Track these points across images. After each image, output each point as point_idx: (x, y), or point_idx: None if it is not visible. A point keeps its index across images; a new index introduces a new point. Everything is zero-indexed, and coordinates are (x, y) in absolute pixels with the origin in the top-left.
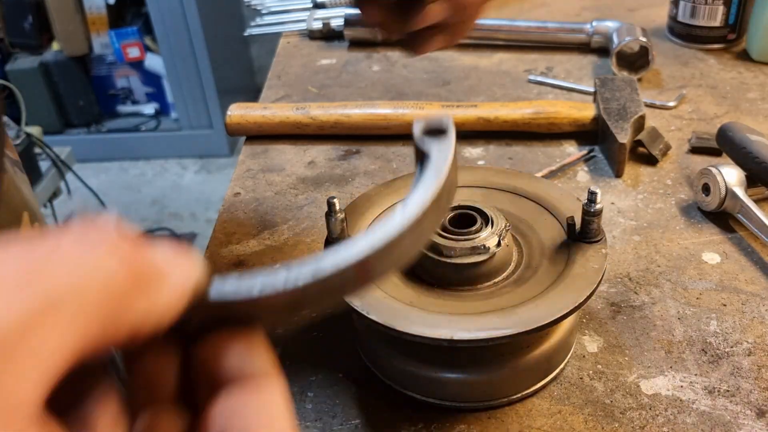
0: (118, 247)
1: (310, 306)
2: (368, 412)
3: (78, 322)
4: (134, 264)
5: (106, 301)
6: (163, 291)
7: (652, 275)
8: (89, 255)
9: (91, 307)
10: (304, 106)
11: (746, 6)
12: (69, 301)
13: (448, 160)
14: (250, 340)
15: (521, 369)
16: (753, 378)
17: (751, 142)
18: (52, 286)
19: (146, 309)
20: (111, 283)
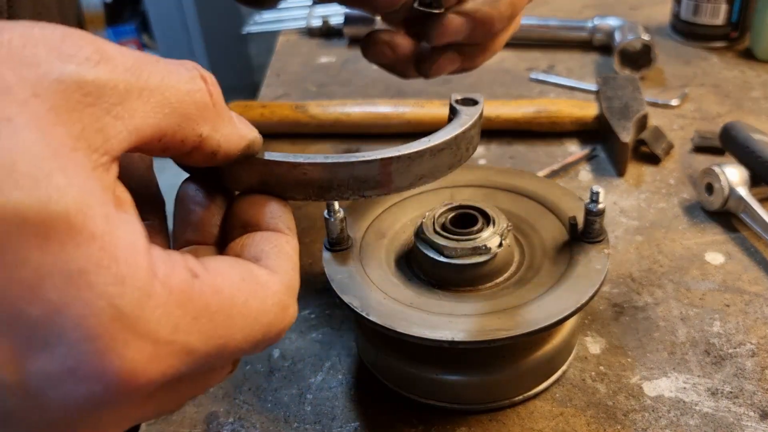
0: (201, 78)
1: (337, 187)
2: (368, 414)
3: (163, 110)
4: (211, 93)
5: (186, 105)
6: (230, 127)
7: (654, 276)
8: (182, 71)
9: (175, 103)
10: (303, 104)
11: (749, 4)
12: (161, 92)
13: (473, 118)
14: (282, 205)
15: (523, 370)
16: (756, 379)
17: (754, 141)
18: (152, 77)
19: (213, 129)
20: (192, 96)
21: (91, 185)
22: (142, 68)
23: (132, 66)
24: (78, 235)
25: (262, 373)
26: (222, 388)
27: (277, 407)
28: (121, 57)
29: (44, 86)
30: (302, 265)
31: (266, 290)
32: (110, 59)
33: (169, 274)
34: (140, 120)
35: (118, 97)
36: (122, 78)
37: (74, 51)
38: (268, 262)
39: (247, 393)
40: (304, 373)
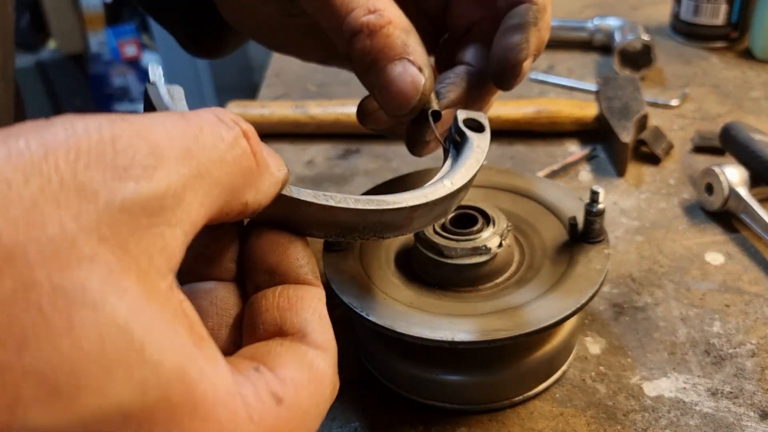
0: (243, 136)
1: (362, 230)
2: (368, 415)
3: (214, 192)
4: (255, 151)
5: (233, 177)
6: (268, 179)
7: (654, 276)
8: (225, 136)
9: (224, 180)
10: (303, 104)
11: (749, 4)
12: (210, 173)
13: (485, 152)
14: (306, 248)
15: (523, 371)
16: (756, 379)
17: (754, 142)
18: (201, 158)
19: (256, 192)
20: (238, 164)
21: (177, 340)
22: (191, 149)
23: (183, 153)
24: (181, 416)
25: None
26: None
27: None
28: (171, 146)
29: (109, 223)
30: None
31: (325, 381)
32: (164, 157)
33: (262, 413)
34: (195, 215)
35: (176, 199)
36: (179, 176)
37: (129, 160)
38: (315, 337)
39: None
40: None
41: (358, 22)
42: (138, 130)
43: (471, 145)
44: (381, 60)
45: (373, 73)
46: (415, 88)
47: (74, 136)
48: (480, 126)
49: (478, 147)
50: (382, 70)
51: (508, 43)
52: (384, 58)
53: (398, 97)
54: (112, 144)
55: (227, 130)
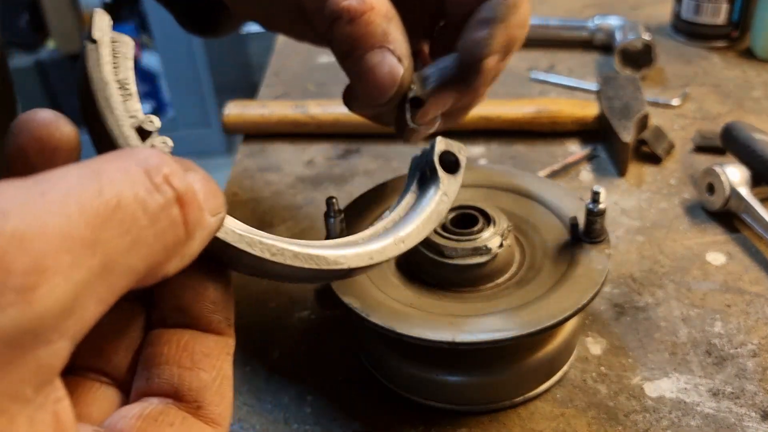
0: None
1: (295, 279)
2: (368, 415)
3: (121, 283)
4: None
5: (153, 258)
6: (200, 237)
7: (655, 276)
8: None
9: (138, 266)
10: (303, 104)
11: (750, 3)
12: (120, 264)
13: (450, 201)
14: (225, 293)
15: (524, 371)
16: (758, 380)
17: (755, 141)
18: (109, 250)
19: (181, 260)
20: (162, 240)
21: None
22: (95, 242)
23: (82, 251)
24: None
25: (261, 375)
26: None
27: (277, 408)
28: (63, 248)
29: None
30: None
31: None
32: (48, 270)
33: None
34: (89, 316)
35: (63, 314)
36: (71, 285)
37: (2, 279)
38: (211, 410)
39: (247, 394)
40: (304, 374)
41: (338, 6)
42: (19, 236)
43: (437, 191)
44: (360, 48)
45: (352, 60)
46: (392, 79)
47: None
48: (455, 165)
49: (445, 195)
50: (361, 58)
51: (473, 38)
52: (363, 45)
53: (375, 87)
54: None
55: (155, 197)
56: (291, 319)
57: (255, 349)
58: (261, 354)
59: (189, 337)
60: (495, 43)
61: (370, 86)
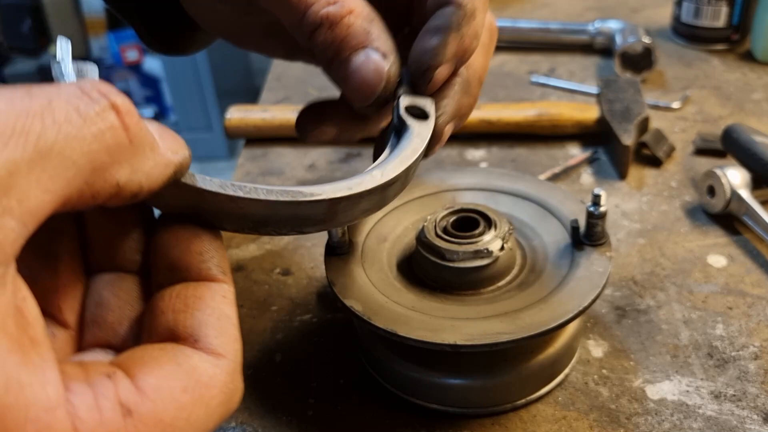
0: (111, 108)
1: (275, 223)
2: (370, 418)
3: (64, 174)
4: (126, 126)
5: (94, 155)
6: (151, 158)
7: (657, 278)
8: (83, 110)
9: (79, 160)
10: None
11: (750, 6)
12: (57, 152)
13: (425, 141)
14: (213, 241)
15: (525, 374)
16: (759, 382)
17: (756, 144)
18: (42, 137)
19: (132, 172)
20: (101, 140)
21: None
22: (28, 128)
23: (14, 133)
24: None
25: (264, 378)
26: None
27: (279, 412)
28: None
29: None
30: (305, 269)
31: (211, 390)
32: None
33: (93, 426)
34: (35, 201)
35: (2, 187)
36: (4, 161)
37: None
38: (208, 341)
39: (249, 397)
40: (306, 377)
41: (318, 15)
42: None
43: (410, 134)
44: (343, 51)
45: (336, 65)
46: (378, 76)
47: None
48: (423, 113)
49: (418, 136)
50: (345, 61)
51: (424, 45)
52: (346, 48)
53: (362, 87)
54: None
55: (89, 103)
56: (293, 323)
57: (257, 352)
58: (263, 357)
59: (181, 287)
60: (447, 51)
61: (356, 87)
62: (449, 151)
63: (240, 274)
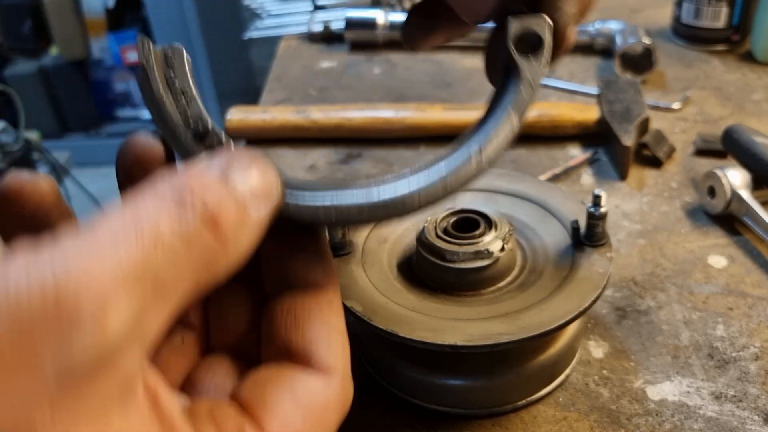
0: (207, 224)
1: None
2: (370, 419)
3: (173, 299)
4: (224, 239)
5: (199, 272)
6: (246, 237)
7: (657, 279)
8: (185, 227)
9: (186, 283)
10: (305, 109)
11: (750, 7)
12: (170, 282)
13: (537, 87)
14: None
15: (526, 375)
16: (760, 383)
17: (756, 144)
18: (159, 275)
19: (228, 261)
20: (205, 257)
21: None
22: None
23: (134, 280)
24: None
25: None
26: None
27: None
28: (119, 277)
29: (60, 392)
30: None
31: (327, 412)
32: (112, 302)
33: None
34: (153, 330)
35: (129, 333)
36: (131, 312)
37: (74, 316)
38: (320, 359)
39: None
40: None
41: None
42: (85, 283)
43: (517, 83)
44: None
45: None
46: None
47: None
48: (536, 42)
49: (528, 83)
50: None
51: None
52: None
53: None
54: (55, 305)
55: (187, 219)
56: None
57: None
58: None
59: (289, 300)
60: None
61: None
62: None
63: None
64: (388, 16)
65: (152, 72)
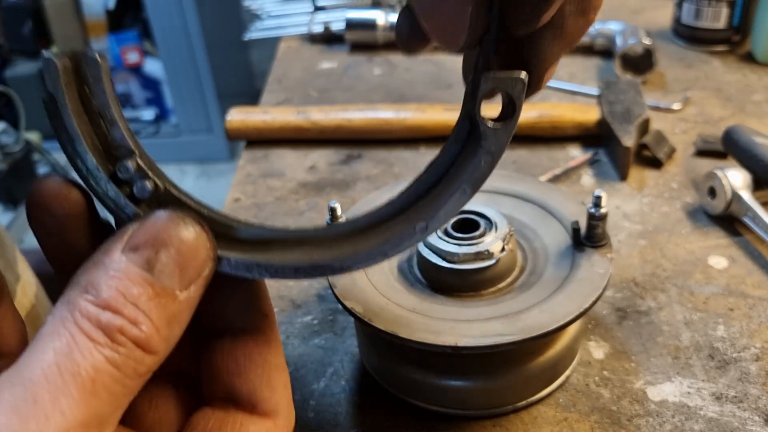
0: (134, 340)
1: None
2: (371, 420)
3: (117, 411)
4: (148, 341)
5: (134, 379)
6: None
7: (658, 280)
8: (115, 362)
9: (124, 396)
10: (305, 110)
11: (750, 7)
12: (110, 411)
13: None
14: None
15: (526, 376)
16: (761, 384)
17: (756, 145)
18: (98, 414)
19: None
20: (135, 366)
21: None
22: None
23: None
24: None
25: None
26: None
27: None
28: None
29: None
30: None
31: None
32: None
33: None
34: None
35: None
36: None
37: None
38: (264, 404)
39: None
40: (307, 379)
41: None
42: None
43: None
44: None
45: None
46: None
47: None
48: (508, 111)
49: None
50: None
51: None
52: None
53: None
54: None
55: (120, 352)
56: (294, 324)
57: None
58: None
59: (229, 345)
60: None
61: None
62: None
63: None
64: (388, 16)
65: (62, 99)
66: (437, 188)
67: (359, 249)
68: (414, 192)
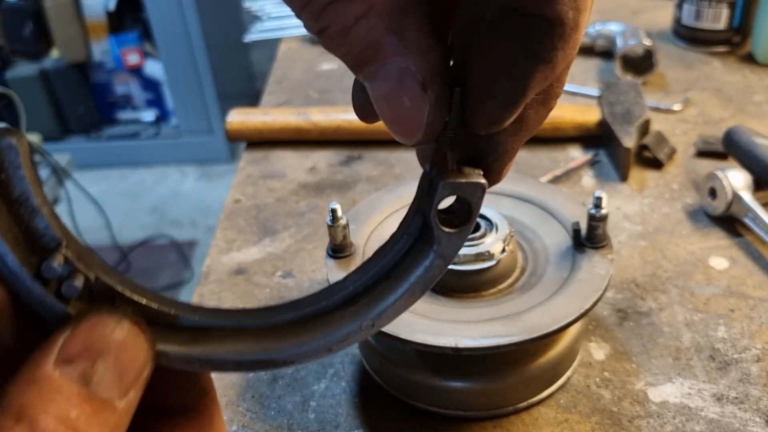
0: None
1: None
2: (371, 422)
3: None
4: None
5: None
6: (119, 425)
7: (658, 281)
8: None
9: None
10: (305, 111)
11: (750, 8)
12: None
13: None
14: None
15: (527, 377)
16: (762, 384)
17: (757, 146)
18: None
19: None
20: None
21: None
22: None
23: None
24: None
25: (265, 381)
26: (225, 396)
27: (280, 415)
28: None
29: None
30: (306, 272)
31: None
32: None
33: None
34: None
35: None
36: None
37: None
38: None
39: (251, 401)
40: (308, 380)
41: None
42: None
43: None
44: (358, 67)
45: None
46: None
47: None
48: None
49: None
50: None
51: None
52: (361, 63)
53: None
54: None
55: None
56: None
57: None
58: None
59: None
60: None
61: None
62: None
63: (241, 278)
64: None
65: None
66: (386, 283)
67: (303, 343)
68: (361, 282)
